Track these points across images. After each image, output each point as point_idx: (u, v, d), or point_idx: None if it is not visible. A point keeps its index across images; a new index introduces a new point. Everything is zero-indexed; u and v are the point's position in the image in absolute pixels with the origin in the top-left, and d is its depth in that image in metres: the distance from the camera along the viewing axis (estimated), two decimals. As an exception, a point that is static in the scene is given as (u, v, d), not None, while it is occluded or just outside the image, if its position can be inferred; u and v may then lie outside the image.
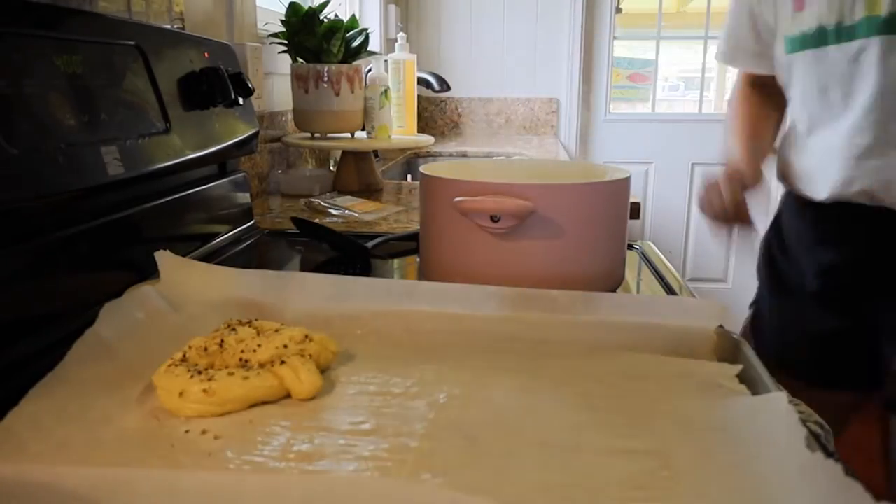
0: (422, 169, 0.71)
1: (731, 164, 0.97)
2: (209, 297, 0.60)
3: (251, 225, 0.98)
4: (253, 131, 0.97)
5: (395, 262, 0.94)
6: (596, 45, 2.85)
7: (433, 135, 2.06)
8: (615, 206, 0.67)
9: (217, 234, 0.88)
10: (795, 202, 0.98)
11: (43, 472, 0.35)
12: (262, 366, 0.47)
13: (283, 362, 0.46)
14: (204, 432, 0.42)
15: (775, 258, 1.04)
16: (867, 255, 0.90)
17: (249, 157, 1.22)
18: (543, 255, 0.64)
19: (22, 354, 0.52)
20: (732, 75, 2.98)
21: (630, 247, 0.89)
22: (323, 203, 1.15)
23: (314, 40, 1.27)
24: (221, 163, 0.93)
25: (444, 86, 2.03)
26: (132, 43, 0.72)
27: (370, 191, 1.37)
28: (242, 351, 0.48)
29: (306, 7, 1.30)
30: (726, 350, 0.54)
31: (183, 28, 1.00)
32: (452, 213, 0.64)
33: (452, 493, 0.34)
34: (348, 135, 1.37)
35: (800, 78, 0.90)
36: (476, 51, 2.81)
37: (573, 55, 2.76)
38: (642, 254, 0.89)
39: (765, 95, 1.04)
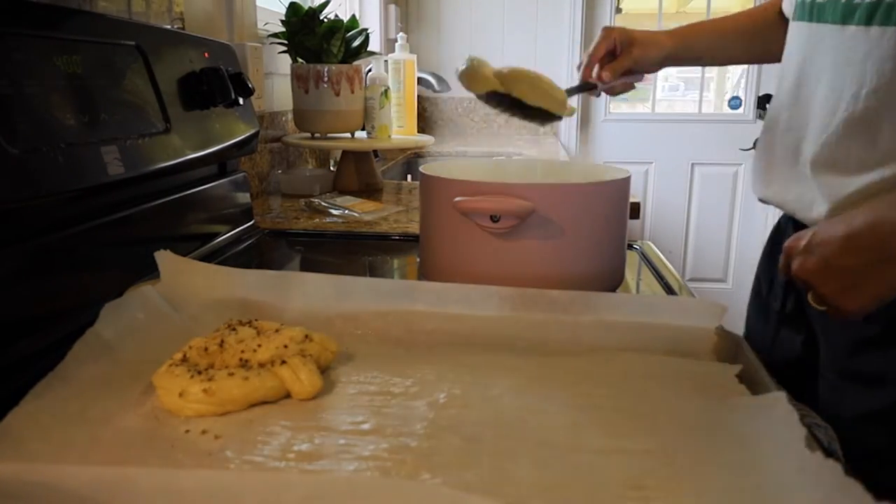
0: (422, 169, 0.71)
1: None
2: (209, 297, 0.60)
3: (251, 225, 0.98)
4: (253, 131, 0.97)
5: (395, 261, 0.94)
6: (596, 45, 2.85)
7: (433, 135, 2.06)
8: (615, 206, 0.67)
9: (217, 234, 0.88)
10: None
11: (43, 472, 0.35)
12: (262, 366, 0.47)
13: (283, 362, 0.46)
14: (204, 432, 0.42)
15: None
16: None
17: (249, 157, 1.22)
18: (543, 255, 0.64)
19: (22, 354, 0.52)
20: (732, 76, 2.99)
21: (630, 247, 0.89)
22: (323, 203, 1.15)
23: (314, 40, 1.27)
24: (221, 163, 0.93)
25: (444, 86, 2.03)
26: (132, 43, 0.72)
27: (370, 191, 1.37)
28: (242, 351, 0.48)
29: (306, 7, 1.30)
30: (726, 350, 0.54)
31: (183, 28, 1.00)
32: (452, 213, 0.64)
33: (452, 492, 0.34)
34: (348, 135, 1.37)
35: None
36: (476, 51, 2.80)
37: (573, 55, 2.76)
38: (642, 254, 0.89)
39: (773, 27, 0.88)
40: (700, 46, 0.93)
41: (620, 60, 0.88)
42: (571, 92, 0.86)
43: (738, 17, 0.95)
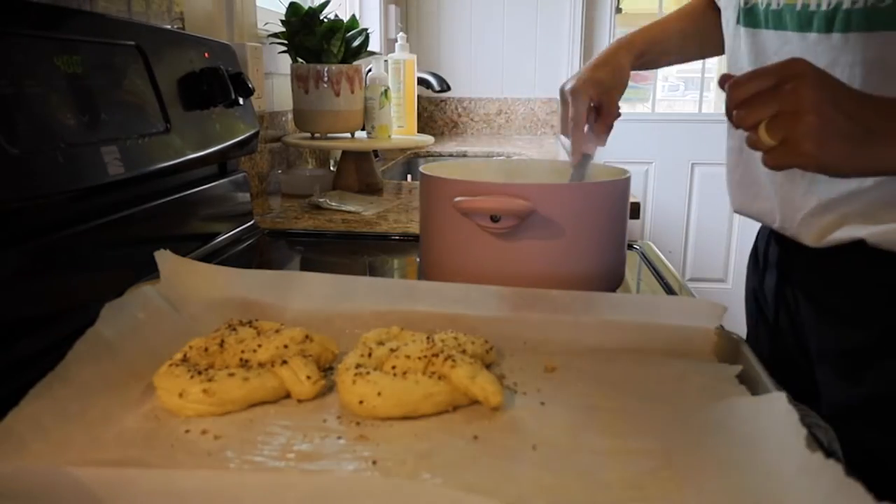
0: (422, 169, 0.71)
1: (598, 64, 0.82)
2: (209, 297, 0.60)
3: (251, 225, 0.98)
4: (253, 131, 0.97)
5: (395, 261, 0.94)
6: (596, 45, 2.85)
7: (433, 135, 2.06)
8: (615, 206, 0.67)
9: (217, 234, 0.88)
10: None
11: (43, 472, 0.35)
12: (262, 366, 0.47)
13: (283, 362, 0.46)
14: (204, 432, 0.42)
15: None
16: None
17: (249, 157, 1.22)
18: (543, 255, 0.64)
19: (22, 354, 0.52)
20: (732, 75, 2.99)
21: (630, 247, 0.89)
22: (328, 202, 1.15)
23: (314, 40, 1.27)
24: (221, 163, 0.93)
25: (444, 86, 2.03)
26: (132, 43, 0.72)
27: (370, 191, 1.37)
28: (243, 351, 0.48)
29: (306, 7, 1.30)
30: (726, 350, 0.54)
31: (183, 28, 1.00)
32: (452, 213, 0.64)
33: (452, 492, 0.34)
34: (348, 135, 1.37)
35: None
36: (476, 51, 2.81)
37: (573, 55, 2.75)
38: (642, 254, 0.89)
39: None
40: (655, 51, 0.88)
41: (606, 117, 0.80)
42: (576, 176, 0.76)
43: (679, 16, 0.91)
